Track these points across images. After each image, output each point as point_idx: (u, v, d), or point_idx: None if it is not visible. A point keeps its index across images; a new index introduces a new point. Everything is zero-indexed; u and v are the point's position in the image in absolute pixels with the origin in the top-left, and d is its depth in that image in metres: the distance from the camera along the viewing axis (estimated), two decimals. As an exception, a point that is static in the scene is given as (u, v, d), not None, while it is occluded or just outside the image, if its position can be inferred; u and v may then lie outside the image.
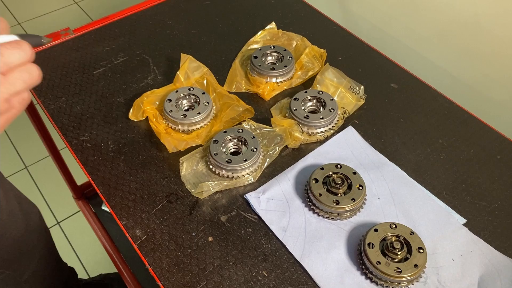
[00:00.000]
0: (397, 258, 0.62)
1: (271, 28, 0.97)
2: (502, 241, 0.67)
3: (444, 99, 0.86)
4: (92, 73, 0.91)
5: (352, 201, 0.67)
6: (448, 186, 0.73)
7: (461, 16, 1.05)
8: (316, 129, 0.79)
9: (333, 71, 0.85)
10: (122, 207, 0.71)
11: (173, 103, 0.80)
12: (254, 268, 0.64)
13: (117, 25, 1.01)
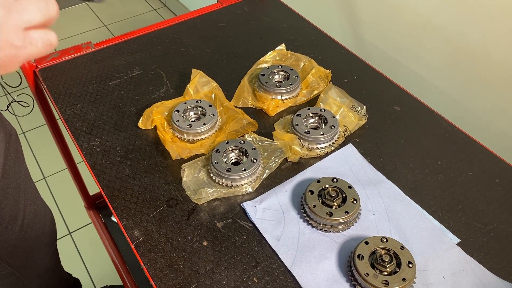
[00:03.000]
0: (386, 271, 0.62)
1: (281, 49, 1.01)
2: (495, 263, 0.67)
3: (446, 123, 0.87)
4: (108, 84, 0.96)
5: (345, 213, 0.69)
6: (444, 206, 0.74)
7: (471, 46, 1.07)
8: (317, 145, 0.81)
9: (336, 91, 0.88)
10: (123, 209, 0.74)
11: (180, 114, 0.84)
12: (245, 273, 0.66)
13: (136, 41, 1.07)
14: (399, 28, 1.24)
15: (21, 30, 0.38)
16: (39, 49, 0.40)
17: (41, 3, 0.39)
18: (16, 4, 0.37)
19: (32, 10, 0.38)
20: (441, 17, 1.11)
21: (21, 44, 0.38)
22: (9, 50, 0.38)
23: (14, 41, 0.37)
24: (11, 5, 0.37)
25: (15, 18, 0.37)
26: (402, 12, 1.21)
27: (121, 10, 2.86)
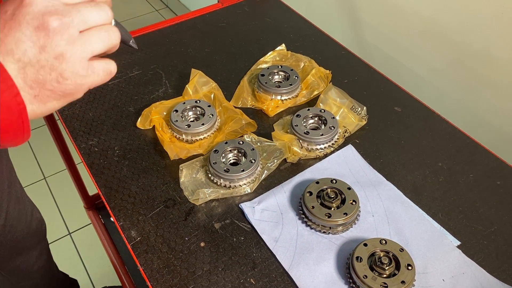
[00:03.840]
0: (385, 273, 0.61)
1: (281, 49, 1.01)
2: (496, 266, 0.66)
3: (447, 124, 0.86)
4: (107, 84, 0.95)
5: (344, 215, 0.68)
6: (444, 208, 0.73)
7: (472, 47, 1.07)
8: (316, 146, 0.80)
9: (336, 91, 0.87)
10: (120, 209, 0.73)
11: (179, 114, 0.83)
12: (242, 275, 0.65)
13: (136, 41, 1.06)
14: (401, 29, 1.23)
15: (85, 60, 0.41)
16: (101, 77, 0.43)
17: (102, 34, 0.42)
18: (80, 37, 0.40)
19: (94, 41, 0.41)
20: (443, 18, 1.11)
21: (85, 74, 0.41)
22: (75, 80, 0.40)
23: (80, 71, 0.40)
24: (76, 39, 0.39)
25: (80, 50, 0.40)
26: (403, 12, 1.20)
27: (123, 11, 2.86)
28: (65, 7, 0.38)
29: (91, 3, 0.41)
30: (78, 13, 0.39)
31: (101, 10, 0.42)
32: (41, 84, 0.38)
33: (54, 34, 0.37)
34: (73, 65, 0.39)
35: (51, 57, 0.38)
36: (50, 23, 0.37)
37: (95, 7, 0.41)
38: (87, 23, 0.40)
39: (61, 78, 0.39)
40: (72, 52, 0.38)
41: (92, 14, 0.40)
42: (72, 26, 0.39)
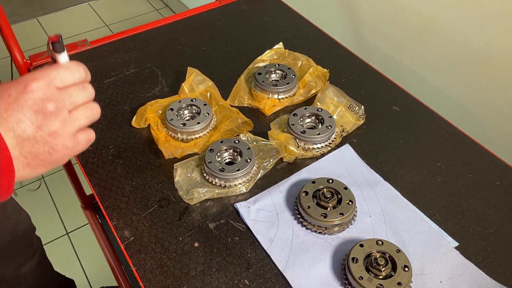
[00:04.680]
0: (381, 274, 0.60)
1: (279, 48, 1.00)
2: (494, 267, 0.65)
3: (446, 124, 0.85)
4: (102, 82, 0.94)
5: (340, 215, 0.67)
6: (442, 209, 0.72)
7: (472, 47, 1.06)
8: (313, 145, 0.79)
9: (334, 90, 0.86)
10: (114, 208, 0.72)
11: (174, 112, 0.82)
12: (236, 276, 0.64)
13: (132, 39, 1.06)
14: (400, 27, 1.22)
15: (73, 135, 0.48)
16: (83, 146, 0.51)
17: (87, 111, 0.50)
18: (70, 116, 0.48)
19: (81, 119, 0.49)
20: (443, 17, 1.10)
21: (72, 146, 0.48)
22: (63, 151, 0.48)
23: (68, 144, 0.48)
24: (67, 119, 0.47)
25: (69, 127, 0.48)
26: (403, 12, 1.19)
27: (123, 10, 2.86)
28: (59, 93, 0.46)
29: (78, 85, 0.49)
30: (69, 97, 0.47)
31: (86, 91, 0.49)
32: (35, 155, 0.45)
33: (50, 117, 0.44)
34: (63, 140, 0.46)
35: (46, 134, 0.45)
36: (47, 108, 0.44)
37: (81, 90, 0.49)
38: (75, 104, 0.48)
39: (52, 151, 0.46)
40: (63, 130, 0.46)
41: (79, 97, 0.48)
42: (65, 108, 0.46)
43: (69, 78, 0.47)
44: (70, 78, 0.47)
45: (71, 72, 0.48)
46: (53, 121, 0.45)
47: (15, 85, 0.44)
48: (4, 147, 0.42)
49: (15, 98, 0.43)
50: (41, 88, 0.44)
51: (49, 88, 0.45)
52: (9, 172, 0.43)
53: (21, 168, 0.45)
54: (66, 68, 0.47)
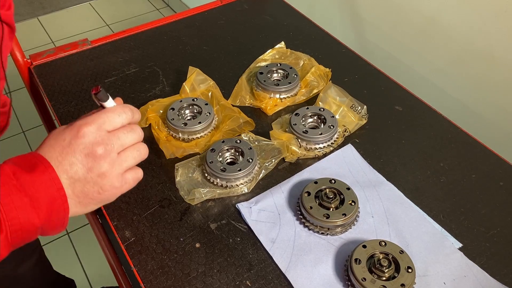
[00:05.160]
0: (384, 276, 0.60)
1: (280, 47, 0.99)
2: (498, 269, 0.64)
3: (449, 124, 0.85)
4: (103, 82, 0.94)
5: (343, 216, 0.66)
6: (445, 209, 0.71)
7: (475, 46, 1.05)
8: (315, 145, 0.79)
9: (336, 89, 0.85)
10: (115, 209, 0.72)
11: (175, 112, 0.82)
12: (238, 277, 0.63)
13: (133, 38, 1.05)
14: (402, 27, 1.22)
15: (120, 175, 0.52)
16: (131, 185, 0.54)
17: (135, 152, 0.53)
18: (118, 158, 0.51)
19: (129, 160, 0.52)
20: (445, 16, 1.09)
21: (120, 185, 0.52)
22: (112, 191, 0.52)
23: (116, 184, 0.51)
24: (115, 160, 0.51)
25: (117, 169, 0.51)
26: (405, 11, 1.18)
27: (124, 10, 2.85)
28: (108, 136, 0.50)
29: (127, 128, 0.52)
30: (117, 140, 0.50)
31: (134, 133, 0.53)
32: (85, 194, 0.49)
33: (99, 159, 0.48)
34: (111, 180, 0.50)
35: (95, 175, 0.49)
36: (97, 151, 0.48)
37: (130, 132, 0.52)
38: (124, 146, 0.51)
39: (101, 190, 0.50)
40: (111, 171, 0.50)
41: (127, 139, 0.52)
42: (113, 151, 0.50)
43: (116, 121, 0.51)
44: (117, 121, 0.51)
45: (118, 115, 0.51)
46: (102, 163, 0.49)
47: (69, 130, 0.49)
48: (59, 187, 0.46)
49: (68, 142, 0.48)
50: (91, 133, 0.48)
51: (98, 133, 0.49)
52: (64, 210, 0.47)
53: (74, 205, 0.49)
54: (113, 112, 0.51)
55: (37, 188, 0.45)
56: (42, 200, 0.45)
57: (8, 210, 0.43)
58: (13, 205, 0.43)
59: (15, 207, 0.43)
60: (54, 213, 0.47)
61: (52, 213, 0.46)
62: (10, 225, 0.43)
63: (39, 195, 0.45)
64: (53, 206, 0.46)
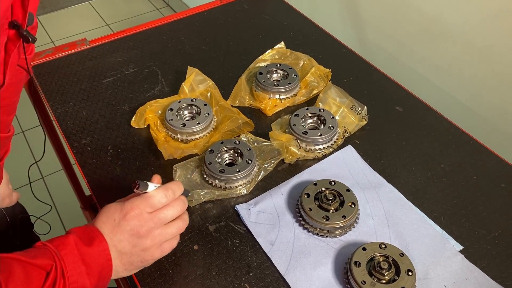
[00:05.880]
0: (384, 279, 0.59)
1: (280, 47, 0.98)
2: (500, 271, 0.63)
3: (450, 125, 0.84)
4: (102, 82, 0.93)
5: (343, 218, 0.66)
6: (446, 211, 0.71)
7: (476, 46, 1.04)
8: (315, 146, 0.78)
9: (336, 90, 0.85)
10: (112, 210, 0.71)
11: (174, 113, 0.81)
12: (236, 279, 0.63)
13: (132, 38, 1.05)
14: (403, 27, 1.21)
15: (159, 246, 0.59)
16: (167, 252, 0.61)
17: (174, 230, 0.60)
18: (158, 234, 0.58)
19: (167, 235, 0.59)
20: (446, 16, 1.08)
21: (159, 255, 0.60)
22: (152, 260, 0.60)
23: (156, 255, 0.60)
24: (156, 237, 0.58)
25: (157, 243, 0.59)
26: (406, 11, 1.18)
27: (124, 9, 2.85)
28: (150, 217, 0.57)
29: (168, 207, 0.59)
30: (158, 220, 0.58)
31: (175, 209, 0.59)
32: (130, 263, 0.58)
33: (142, 238, 0.57)
34: (152, 252, 0.58)
35: (139, 250, 0.57)
36: (140, 232, 0.57)
37: (169, 210, 0.59)
38: (164, 223, 0.59)
39: (143, 260, 0.59)
40: (152, 245, 0.58)
41: (168, 216, 0.59)
42: (154, 230, 0.58)
43: (157, 205, 0.58)
44: (158, 205, 0.58)
45: (158, 200, 0.58)
46: (144, 240, 0.57)
47: (119, 211, 0.57)
48: (109, 258, 0.56)
49: (117, 223, 0.57)
50: (136, 216, 0.57)
51: (142, 216, 0.57)
52: (109, 276, 0.57)
53: (121, 271, 0.58)
54: (154, 197, 0.58)
55: (93, 258, 0.55)
56: (94, 268, 0.55)
57: (71, 275, 0.52)
58: (74, 272, 0.53)
59: (76, 273, 0.53)
60: (101, 279, 0.56)
61: (100, 279, 0.55)
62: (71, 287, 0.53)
63: (93, 264, 0.55)
64: (102, 273, 0.56)
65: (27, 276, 0.50)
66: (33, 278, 0.50)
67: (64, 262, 0.52)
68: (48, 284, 0.50)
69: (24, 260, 0.51)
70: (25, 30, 0.59)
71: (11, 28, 0.58)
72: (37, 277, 0.50)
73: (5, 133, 0.74)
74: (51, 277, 0.51)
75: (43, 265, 0.51)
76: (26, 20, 0.60)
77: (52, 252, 0.53)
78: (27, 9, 0.59)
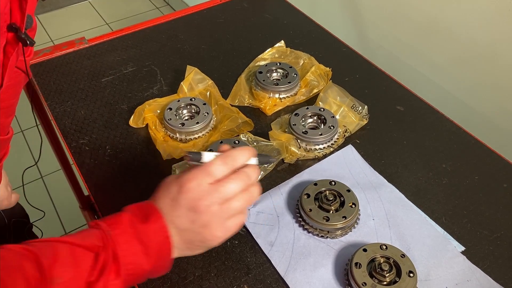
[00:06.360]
0: (385, 280, 0.58)
1: (280, 46, 0.98)
2: (502, 273, 0.63)
3: (452, 124, 0.83)
4: (100, 81, 0.93)
5: (343, 218, 0.65)
6: (448, 212, 0.70)
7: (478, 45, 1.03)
8: (315, 146, 0.77)
9: (337, 89, 0.84)
10: (110, 210, 0.70)
11: (173, 112, 0.80)
12: (235, 281, 0.62)
13: (131, 37, 1.04)
14: (404, 26, 1.20)
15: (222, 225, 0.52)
16: (233, 232, 0.53)
17: (237, 203, 0.52)
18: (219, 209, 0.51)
19: (231, 210, 0.52)
20: (448, 15, 1.07)
21: (222, 235, 0.53)
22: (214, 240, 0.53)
23: (218, 234, 0.52)
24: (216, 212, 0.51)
25: (218, 220, 0.52)
26: (407, 9, 1.17)
27: (124, 8, 2.84)
28: (209, 191, 0.51)
29: (231, 178, 0.52)
30: (218, 194, 0.51)
31: (237, 183, 0.52)
32: (191, 241, 0.53)
33: (200, 213, 0.51)
34: (213, 230, 0.52)
35: (198, 226, 0.51)
36: (198, 206, 0.50)
37: (231, 183, 0.52)
38: (225, 197, 0.51)
39: (204, 239, 0.52)
40: (212, 223, 0.51)
41: (230, 189, 0.51)
42: (215, 203, 0.51)
43: (216, 174, 0.52)
44: (217, 174, 0.52)
45: (218, 167, 0.52)
46: (203, 216, 0.51)
47: (175, 183, 0.52)
48: (167, 235, 0.51)
49: (174, 196, 0.52)
50: (193, 188, 0.51)
51: (201, 187, 0.51)
52: (168, 255, 0.52)
53: (182, 250, 0.53)
54: (214, 165, 0.52)
55: (149, 237, 0.50)
56: (152, 247, 0.50)
57: (125, 256, 0.48)
58: (129, 252, 0.49)
59: (131, 254, 0.49)
60: (160, 259, 0.52)
61: (159, 259, 0.51)
62: (125, 269, 0.48)
63: (151, 243, 0.50)
64: (161, 252, 0.51)
65: (74, 259, 0.47)
66: (81, 262, 0.47)
67: (116, 243, 0.48)
68: (98, 267, 0.47)
69: (71, 242, 0.48)
70: (23, 33, 0.58)
71: (10, 31, 0.57)
72: (85, 260, 0.47)
73: (4, 135, 0.74)
74: (101, 259, 0.47)
75: (91, 247, 0.48)
76: (24, 23, 0.59)
77: (104, 232, 0.49)
78: (25, 12, 0.58)
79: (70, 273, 0.46)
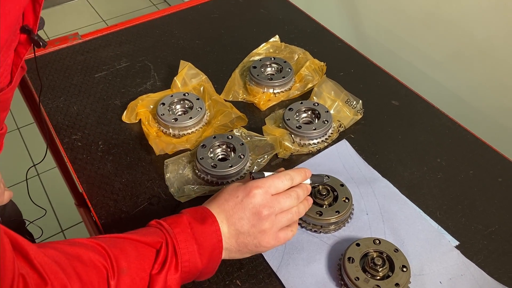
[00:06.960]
0: (378, 275, 0.58)
1: (275, 41, 0.97)
2: (496, 267, 0.62)
3: (447, 118, 0.83)
4: (93, 76, 0.92)
5: (336, 213, 0.64)
6: (442, 206, 0.69)
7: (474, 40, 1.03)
8: (309, 140, 0.77)
9: (331, 84, 0.83)
10: (102, 206, 0.70)
11: (166, 107, 0.80)
12: (228, 276, 0.62)
13: (124, 32, 1.03)
14: (400, 20, 1.19)
15: (276, 234, 0.57)
16: (281, 243, 0.58)
17: (289, 215, 0.58)
18: (276, 219, 0.57)
19: (283, 221, 0.58)
20: (444, 9, 1.07)
21: (274, 243, 0.58)
22: (266, 246, 0.57)
23: (271, 242, 0.57)
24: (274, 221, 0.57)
25: (274, 228, 0.57)
26: (403, 5, 1.16)
27: (121, 5, 2.83)
28: (272, 199, 0.56)
29: (287, 193, 0.58)
30: (278, 204, 0.57)
31: (292, 199, 0.58)
32: (245, 245, 0.56)
33: (262, 219, 0.56)
34: (268, 237, 0.56)
35: (257, 231, 0.56)
36: (262, 212, 0.55)
37: (288, 198, 0.57)
38: (282, 209, 0.57)
39: (258, 244, 0.56)
40: (269, 229, 0.56)
41: (286, 203, 0.57)
42: (274, 213, 0.56)
43: (279, 186, 0.57)
44: (280, 187, 0.57)
45: (281, 181, 0.57)
46: (264, 222, 0.56)
47: (242, 189, 0.57)
48: (220, 239, 0.55)
49: (240, 200, 0.56)
50: (260, 195, 0.56)
51: (266, 196, 0.56)
52: (218, 258, 0.55)
53: (233, 252, 0.57)
54: (278, 178, 0.57)
55: (205, 238, 0.54)
56: (206, 248, 0.54)
57: (183, 253, 0.52)
58: (187, 250, 0.52)
59: (188, 252, 0.52)
60: (212, 260, 0.55)
61: (211, 259, 0.55)
62: (182, 266, 0.52)
63: (205, 244, 0.54)
64: (213, 254, 0.55)
65: (138, 253, 0.51)
66: (144, 256, 0.51)
67: (176, 240, 0.52)
68: (159, 261, 0.51)
69: (134, 239, 0.52)
70: (36, 35, 0.59)
71: (22, 33, 0.58)
72: (148, 255, 0.51)
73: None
74: (162, 254, 0.51)
75: (153, 243, 0.52)
76: (37, 25, 0.59)
77: (165, 230, 0.53)
78: (38, 14, 0.59)
79: (135, 265, 0.50)
